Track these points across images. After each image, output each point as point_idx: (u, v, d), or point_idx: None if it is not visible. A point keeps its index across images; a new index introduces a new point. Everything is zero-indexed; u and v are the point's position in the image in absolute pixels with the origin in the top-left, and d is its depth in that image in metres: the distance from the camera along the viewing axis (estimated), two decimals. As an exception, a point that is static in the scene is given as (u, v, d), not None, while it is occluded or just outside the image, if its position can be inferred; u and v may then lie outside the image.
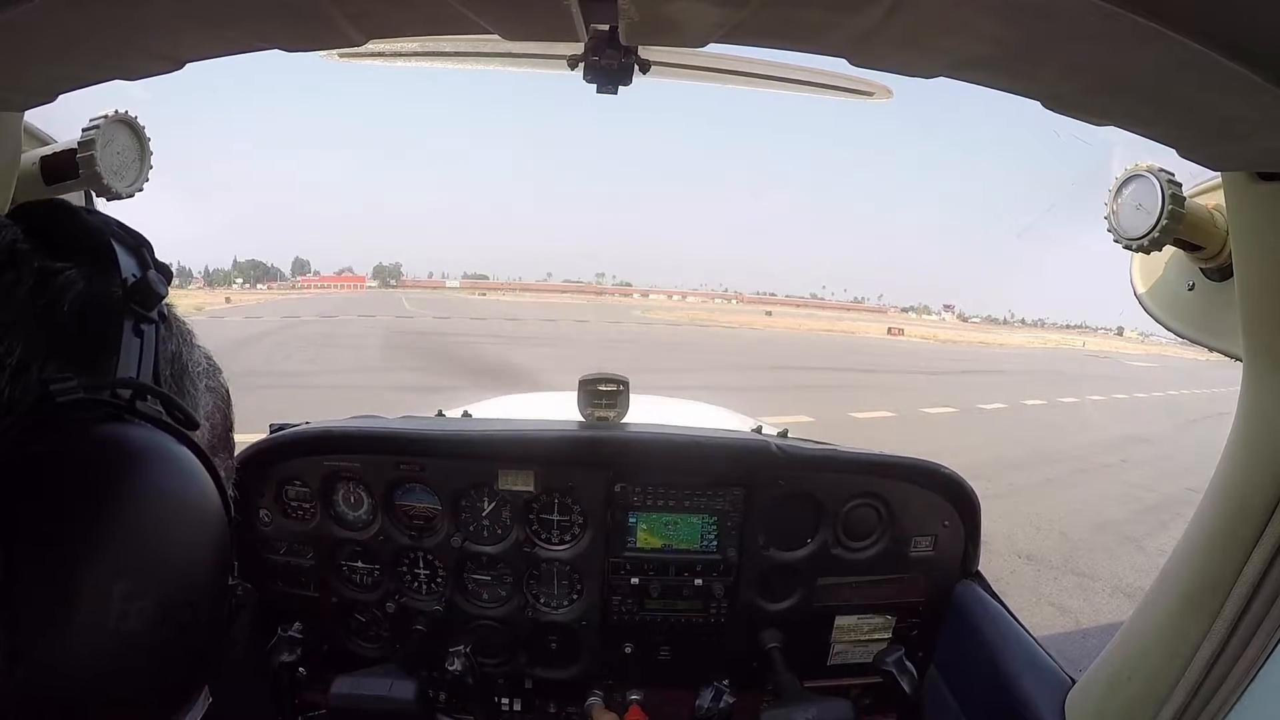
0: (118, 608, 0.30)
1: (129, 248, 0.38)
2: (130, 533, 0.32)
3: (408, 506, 1.34)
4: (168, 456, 0.35)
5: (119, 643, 0.31)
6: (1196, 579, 0.79)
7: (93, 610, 0.30)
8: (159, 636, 0.32)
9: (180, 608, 0.33)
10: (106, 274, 0.36)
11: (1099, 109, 0.55)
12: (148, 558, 0.32)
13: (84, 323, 0.35)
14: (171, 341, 0.41)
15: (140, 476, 0.33)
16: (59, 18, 0.47)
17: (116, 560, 0.31)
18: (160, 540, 0.33)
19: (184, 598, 0.34)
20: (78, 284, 0.35)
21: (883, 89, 1.07)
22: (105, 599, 0.30)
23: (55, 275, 0.35)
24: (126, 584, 0.31)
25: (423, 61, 1.03)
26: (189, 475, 0.35)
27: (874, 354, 25.67)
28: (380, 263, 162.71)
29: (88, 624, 0.30)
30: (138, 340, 0.36)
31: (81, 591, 0.30)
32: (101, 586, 0.30)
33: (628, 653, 1.38)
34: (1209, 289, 0.81)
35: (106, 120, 0.80)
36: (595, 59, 0.78)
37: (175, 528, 0.34)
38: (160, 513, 0.34)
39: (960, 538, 1.37)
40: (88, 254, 0.37)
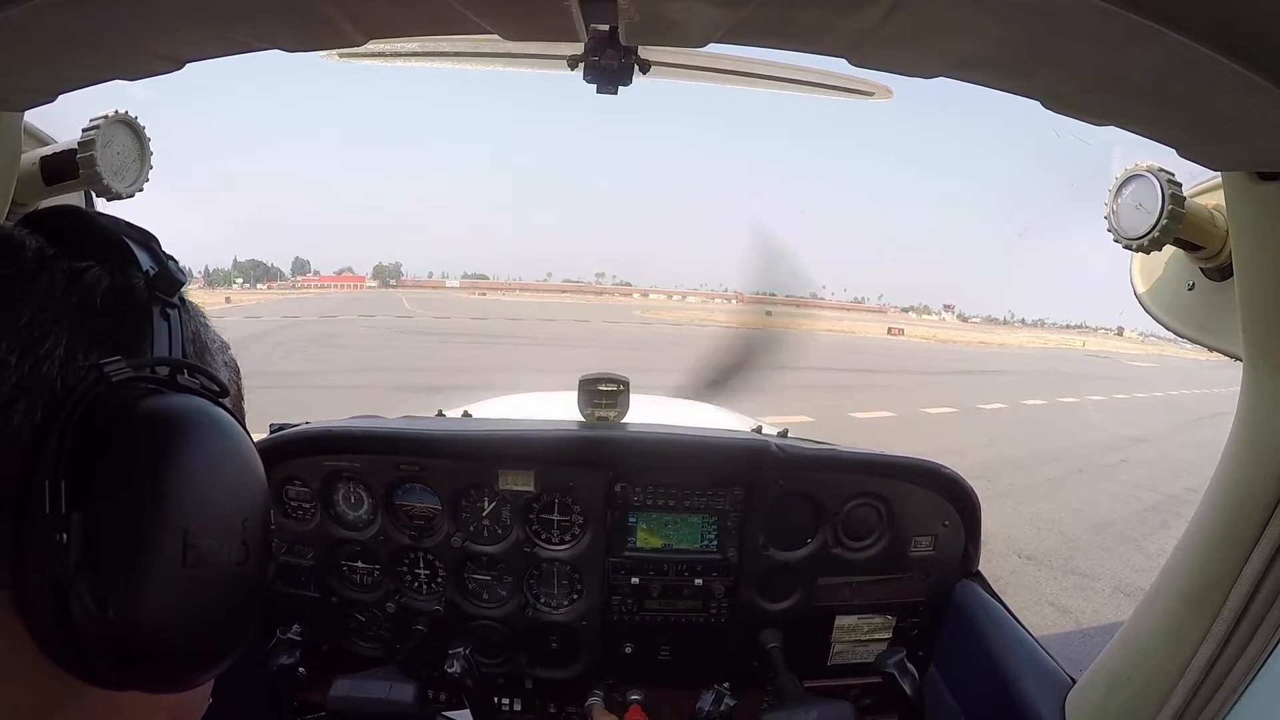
0: (189, 550, 0.35)
1: (139, 243, 0.42)
2: (190, 485, 0.36)
3: (408, 506, 1.34)
4: (213, 419, 0.39)
5: (192, 585, 0.35)
6: (1196, 579, 0.79)
7: (168, 554, 0.34)
8: (225, 572, 0.37)
9: (240, 545, 0.38)
10: (127, 268, 0.40)
11: (1099, 109, 0.55)
12: (208, 504, 0.37)
13: (117, 313, 0.39)
14: (191, 323, 0.45)
15: (193, 436, 0.37)
16: (59, 18, 0.47)
17: (181, 509, 0.35)
18: (216, 488, 0.38)
19: (242, 537, 0.39)
20: (104, 279, 0.39)
21: (883, 89, 1.07)
22: (176, 542, 0.35)
23: (82, 274, 0.38)
24: (194, 528, 0.36)
25: (423, 61, 1.03)
26: (234, 433, 0.40)
27: (874, 354, 25.66)
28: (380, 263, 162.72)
29: (165, 565, 0.34)
30: (165, 324, 0.40)
31: (156, 538, 0.34)
32: (172, 532, 0.35)
33: (628, 653, 1.38)
34: (1209, 289, 0.81)
35: (106, 120, 0.80)
36: (595, 59, 0.78)
37: (228, 476, 0.39)
38: (214, 464, 0.38)
39: (960, 537, 1.37)
40: (105, 252, 0.40)
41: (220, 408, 0.41)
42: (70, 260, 0.39)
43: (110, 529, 0.33)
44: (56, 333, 0.36)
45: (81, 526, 0.32)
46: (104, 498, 0.33)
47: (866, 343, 34.80)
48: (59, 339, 0.36)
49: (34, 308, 0.36)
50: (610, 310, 56.03)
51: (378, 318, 29.30)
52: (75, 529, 0.32)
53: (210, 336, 0.48)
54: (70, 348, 0.36)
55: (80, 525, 0.32)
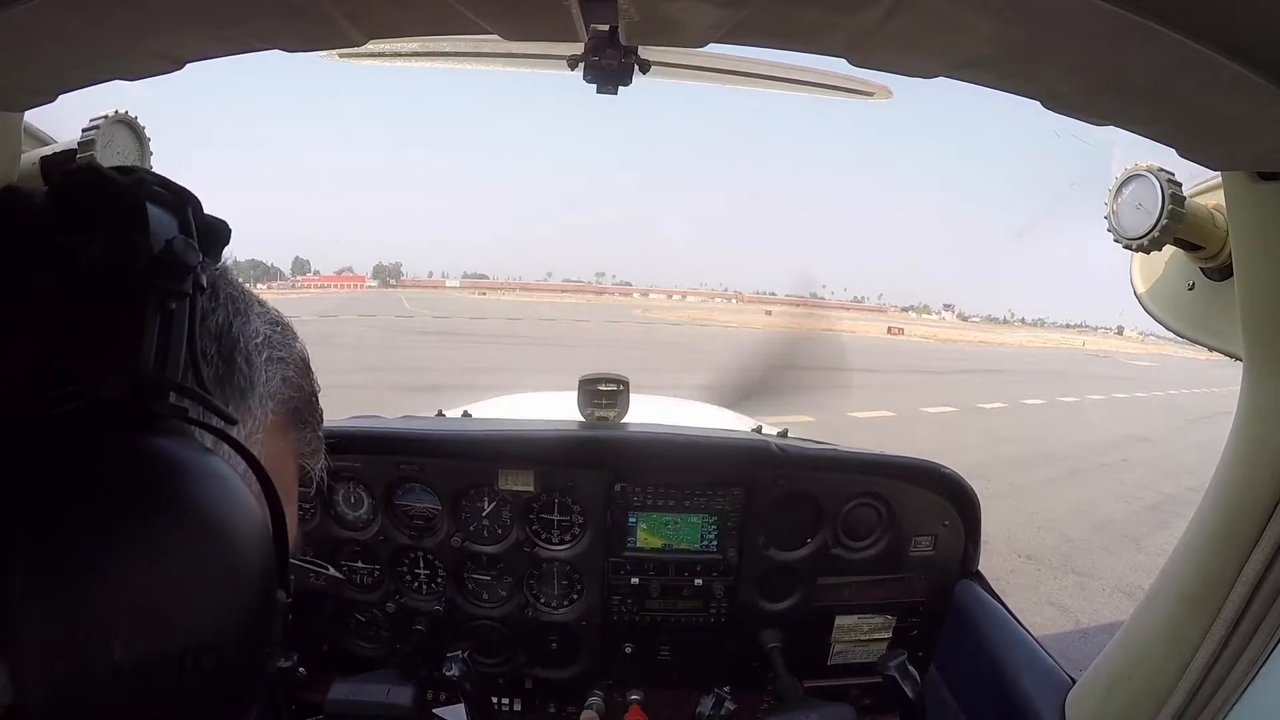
0: (126, 651, 0.27)
1: (169, 207, 0.34)
2: (141, 564, 0.27)
3: (408, 506, 1.34)
4: (190, 467, 0.30)
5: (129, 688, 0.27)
6: (1196, 579, 0.79)
7: (98, 654, 0.26)
8: (177, 681, 0.28)
9: (204, 651, 0.29)
10: (132, 243, 0.32)
11: (1099, 109, 0.55)
12: (161, 593, 0.28)
13: (103, 306, 0.31)
14: (218, 314, 0.36)
15: (155, 494, 0.29)
16: (59, 18, 0.47)
17: (124, 596, 0.27)
18: (177, 571, 0.28)
19: (207, 639, 0.29)
20: (99, 259, 0.31)
21: (883, 89, 1.07)
22: (111, 641, 0.26)
23: (76, 251, 0.31)
24: (136, 624, 0.27)
25: (423, 61, 1.03)
26: (216, 487, 0.30)
27: (874, 353, 25.68)
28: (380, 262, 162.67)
29: (92, 668, 0.26)
30: (166, 320, 0.31)
31: (84, 632, 0.26)
32: (107, 627, 0.26)
33: (628, 653, 1.38)
34: (1209, 289, 0.81)
35: (106, 120, 0.80)
36: (595, 59, 0.78)
37: (197, 556, 0.29)
38: (178, 539, 0.29)
39: (960, 537, 1.37)
40: (114, 220, 0.32)
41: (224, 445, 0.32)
42: (69, 233, 0.31)
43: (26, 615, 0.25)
44: (27, 331, 0.29)
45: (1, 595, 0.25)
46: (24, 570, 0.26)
47: (866, 342, 34.80)
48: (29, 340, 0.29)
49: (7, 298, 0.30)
50: (610, 310, 56.08)
51: (378, 317, 29.31)
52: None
53: (250, 330, 0.39)
54: (42, 352, 0.29)
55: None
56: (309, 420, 0.45)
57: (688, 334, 30.44)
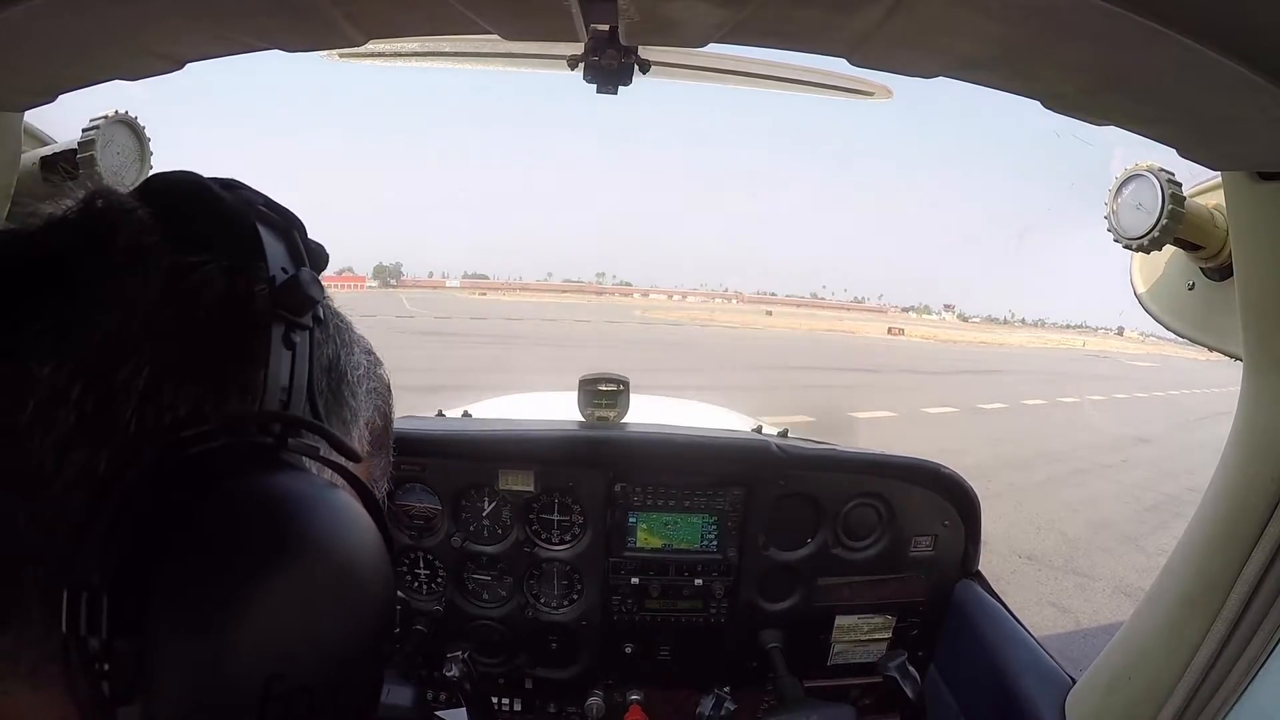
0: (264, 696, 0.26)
1: (278, 231, 0.32)
2: (280, 603, 0.26)
3: (408, 506, 1.34)
4: (325, 505, 0.29)
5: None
6: (1196, 579, 0.79)
7: (236, 693, 0.26)
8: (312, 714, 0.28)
9: (338, 689, 0.28)
10: (250, 269, 0.30)
11: (1099, 109, 0.55)
12: (300, 638, 0.27)
13: (225, 334, 0.29)
14: (329, 346, 0.35)
15: (293, 535, 0.28)
16: (59, 18, 0.47)
17: (262, 642, 0.26)
18: (314, 610, 0.28)
19: (344, 674, 0.29)
20: (217, 284, 0.29)
21: (883, 89, 1.07)
22: (249, 680, 0.26)
23: (189, 272, 0.29)
24: (275, 669, 0.26)
25: (423, 61, 1.03)
26: (348, 526, 0.30)
27: (874, 354, 25.68)
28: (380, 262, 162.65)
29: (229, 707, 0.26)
30: (289, 353, 0.30)
31: (224, 673, 0.25)
32: (246, 674, 0.26)
33: (628, 653, 1.38)
34: (1209, 289, 0.81)
35: (106, 120, 0.80)
36: (595, 59, 0.78)
37: (332, 594, 0.29)
38: (316, 578, 0.28)
39: (960, 537, 1.37)
40: (227, 244, 0.30)
41: (346, 482, 0.32)
42: (176, 252, 0.29)
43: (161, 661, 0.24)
44: (139, 356, 0.27)
45: (130, 650, 0.24)
46: (163, 612, 0.25)
47: (867, 342, 34.80)
48: (141, 365, 0.27)
49: (116, 318, 0.27)
50: (611, 310, 56.10)
51: (378, 318, 29.31)
52: (120, 652, 0.24)
53: (354, 361, 0.38)
54: (155, 378, 0.27)
55: (128, 649, 0.24)
56: (385, 445, 0.45)
57: (688, 334, 30.44)
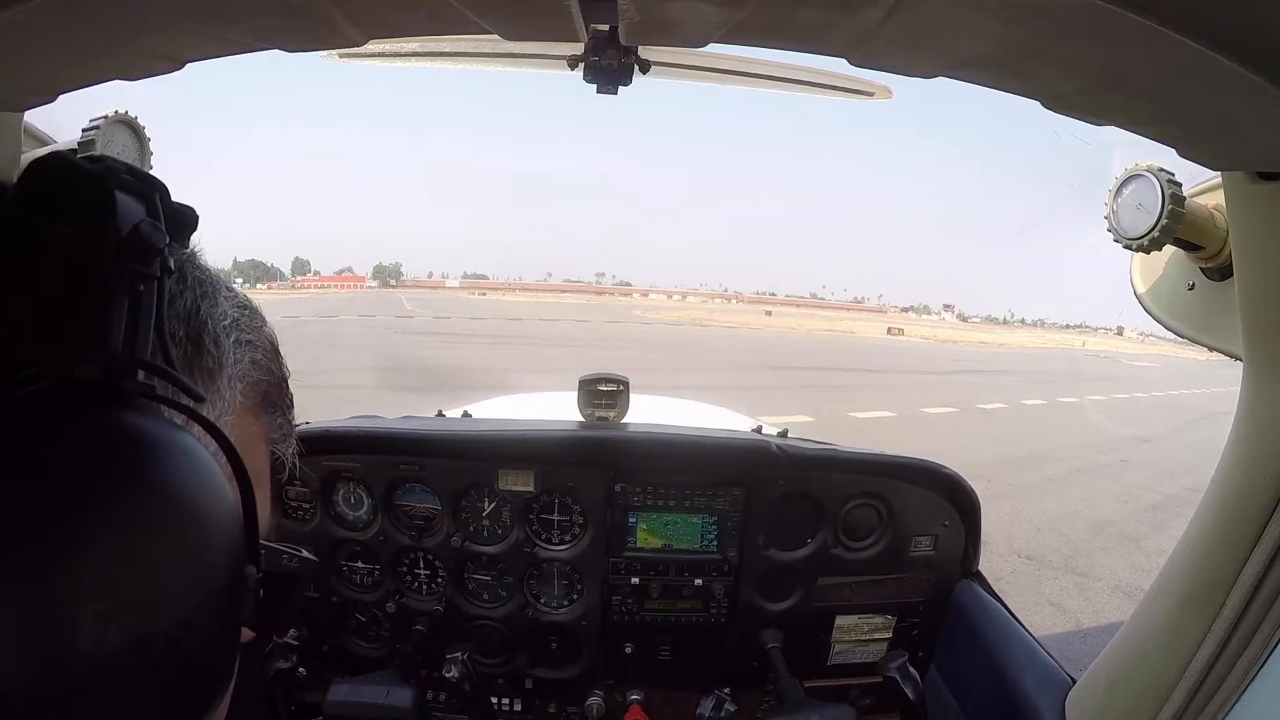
0: (95, 631, 0.26)
1: (137, 194, 0.34)
2: (109, 541, 0.27)
3: (408, 506, 1.34)
4: (159, 442, 0.30)
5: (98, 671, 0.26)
6: (1196, 579, 0.79)
7: (65, 635, 0.26)
8: (149, 661, 0.28)
9: (177, 627, 0.29)
10: (101, 228, 0.32)
11: (1099, 109, 0.55)
12: (131, 571, 0.28)
13: (70, 288, 0.31)
14: (186, 296, 0.38)
15: (123, 470, 0.29)
16: (59, 18, 0.47)
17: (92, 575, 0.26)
18: (147, 548, 0.28)
19: (179, 615, 0.29)
20: (66, 244, 0.31)
21: (882, 89, 1.07)
22: (78, 622, 0.26)
23: (42, 236, 0.31)
24: (103, 604, 0.26)
25: (423, 61, 1.03)
26: (187, 464, 0.31)
27: (874, 354, 25.67)
28: (380, 262, 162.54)
29: (59, 651, 0.26)
30: (135, 301, 0.32)
31: (51, 613, 0.26)
32: (74, 607, 0.26)
33: (628, 653, 1.38)
34: (1209, 289, 0.81)
35: (106, 120, 0.80)
36: (595, 59, 0.78)
37: (169, 531, 0.29)
38: (147, 514, 0.29)
39: (960, 537, 1.37)
40: (83, 209, 0.32)
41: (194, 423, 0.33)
42: (38, 218, 0.32)
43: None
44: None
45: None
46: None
47: (867, 343, 34.79)
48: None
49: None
50: (611, 310, 56.03)
51: (378, 318, 29.29)
52: None
53: (218, 313, 0.40)
54: (9, 333, 0.30)
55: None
56: (279, 404, 0.46)
57: (688, 334, 30.43)
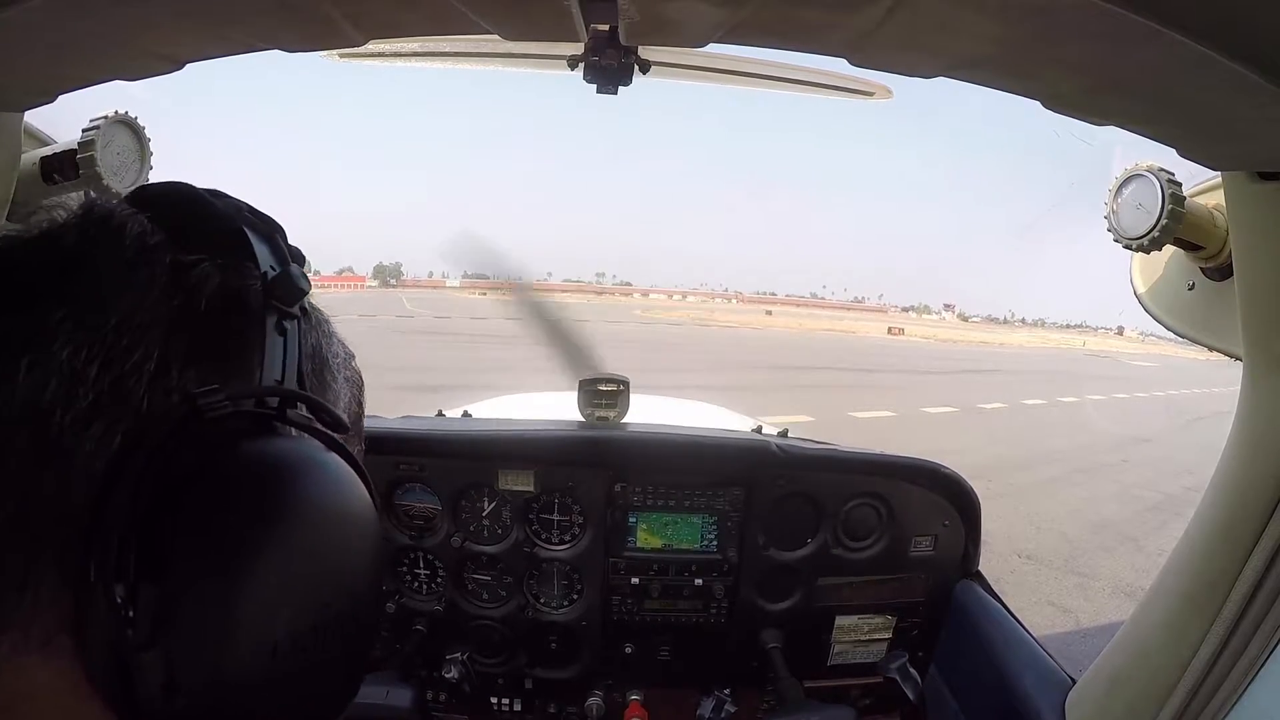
0: (277, 629, 0.29)
1: (262, 235, 0.36)
2: (290, 553, 0.30)
3: (408, 506, 1.34)
4: (321, 467, 0.33)
5: (279, 665, 0.29)
6: (1196, 579, 0.79)
7: (252, 634, 0.29)
8: (319, 654, 0.31)
9: (344, 622, 0.32)
10: (243, 266, 0.34)
11: (1099, 109, 0.55)
12: (309, 578, 0.31)
13: (224, 322, 0.33)
14: (312, 335, 0.39)
15: (296, 491, 0.32)
16: (59, 18, 0.47)
17: (274, 580, 0.29)
18: (321, 558, 0.32)
19: (348, 612, 0.33)
20: (214, 279, 0.33)
21: (882, 89, 1.07)
22: (264, 621, 0.29)
23: (189, 269, 0.33)
24: (285, 604, 0.30)
25: (423, 61, 1.03)
26: (343, 484, 0.34)
27: (875, 353, 25.68)
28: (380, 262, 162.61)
29: (247, 648, 0.29)
30: (281, 339, 0.34)
31: (240, 615, 0.28)
32: (260, 609, 0.29)
33: (628, 653, 1.38)
34: (1209, 289, 0.81)
35: (106, 120, 0.80)
36: (595, 59, 0.78)
37: (335, 542, 0.33)
38: (319, 528, 0.32)
39: (960, 537, 1.37)
40: (220, 244, 0.34)
41: (335, 450, 0.35)
42: (177, 251, 0.33)
43: (186, 602, 0.28)
44: (149, 342, 0.30)
45: (153, 596, 0.27)
46: (182, 561, 0.28)
47: (867, 342, 34.79)
48: (151, 349, 0.30)
49: (126, 308, 0.30)
50: (611, 310, 56.06)
51: (378, 318, 29.30)
52: (144, 598, 0.27)
53: (333, 350, 0.42)
54: (163, 361, 0.30)
55: (151, 595, 0.27)
56: (359, 436, 0.48)
57: (688, 334, 30.44)
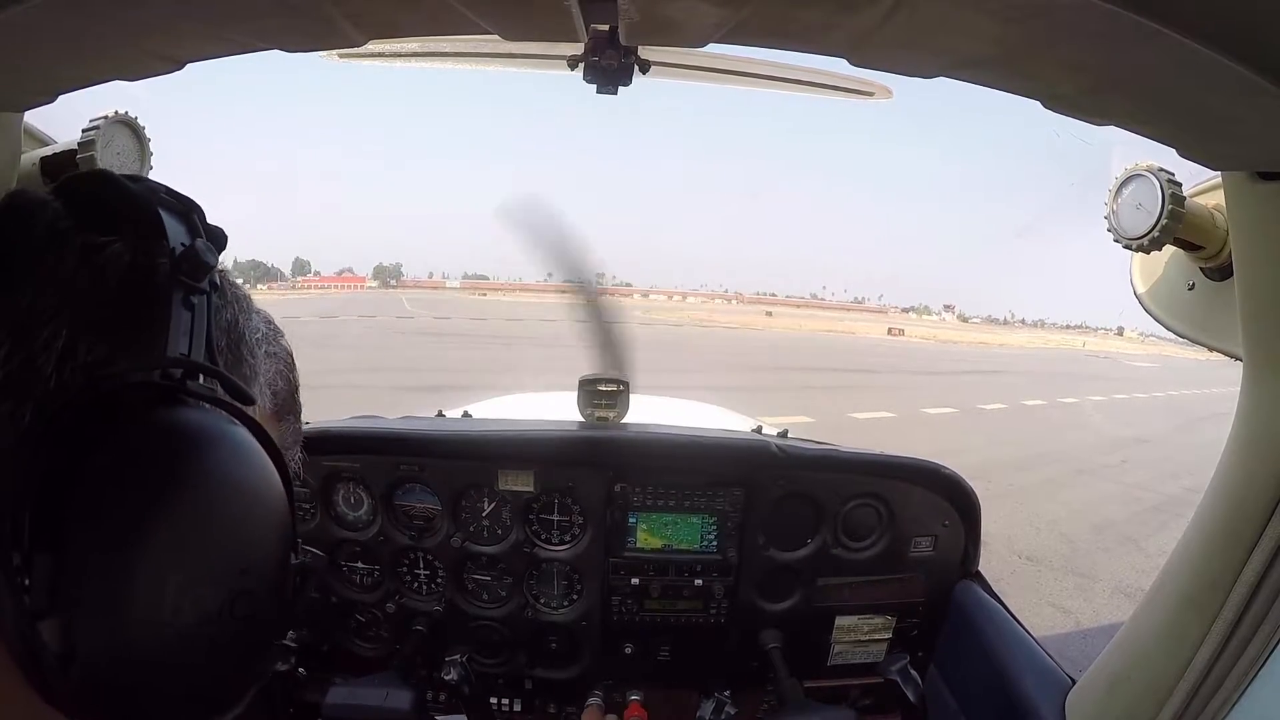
0: (174, 601, 0.30)
1: (177, 214, 0.37)
2: (185, 522, 0.31)
3: (407, 507, 1.34)
4: (223, 438, 0.34)
5: (176, 637, 0.30)
6: (1196, 579, 0.79)
7: (148, 605, 0.30)
8: (218, 628, 0.32)
9: (240, 597, 0.33)
10: (154, 245, 0.35)
11: (1099, 109, 0.55)
12: (204, 547, 0.32)
13: (131, 299, 0.34)
14: (227, 310, 0.40)
15: (194, 461, 0.32)
16: (59, 18, 0.47)
17: (171, 551, 0.30)
18: (217, 528, 0.32)
19: (243, 586, 0.33)
20: (123, 258, 0.34)
21: (882, 89, 1.07)
22: (160, 593, 0.30)
23: (100, 250, 0.34)
24: (182, 576, 0.30)
25: (423, 62, 1.03)
26: (245, 456, 0.35)
27: (875, 354, 25.68)
28: (380, 263, 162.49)
29: (143, 619, 0.30)
30: (188, 313, 0.35)
31: (136, 586, 0.29)
32: (156, 580, 0.30)
33: (628, 653, 1.38)
34: (1209, 289, 0.81)
35: (106, 120, 0.80)
36: (595, 59, 0.78)
37: (232, 513, 0.33)
38: (216, 498, 0.33)
39: (960, 538, 1.37)
40: (133, 224, 0.35)
41: (243, 422, 0.36)
42: (89, 233, 0.34)
43: (81, 570, 0.28)
44: (57, 321, 0.32)
45: (48, 565, 0.28)
46: (78, 531, 0.29)
47: (867, 343, 34.78)
48: (59, 328, 0.31)
49: (35, 291, 0.32)
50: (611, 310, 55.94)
51: (378, 318, 29.29)
52: (39, 568, 0.28)
53: (252, 325, 0.43)
54: (71, 339, 0.32)
55: (46, 564, 0.28)
56: (292, 411, 0.49)
57: (688, 334, 30.44)
